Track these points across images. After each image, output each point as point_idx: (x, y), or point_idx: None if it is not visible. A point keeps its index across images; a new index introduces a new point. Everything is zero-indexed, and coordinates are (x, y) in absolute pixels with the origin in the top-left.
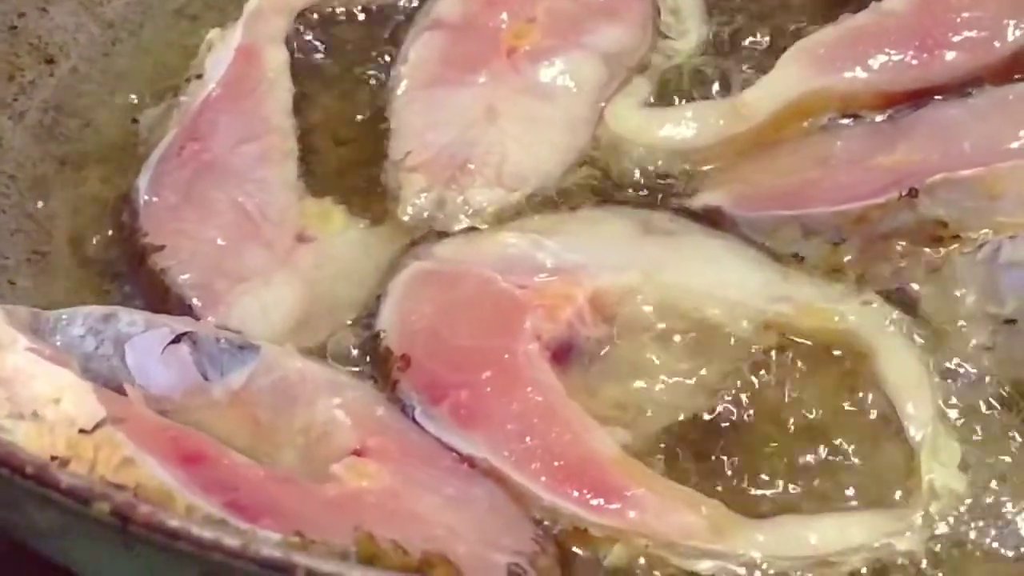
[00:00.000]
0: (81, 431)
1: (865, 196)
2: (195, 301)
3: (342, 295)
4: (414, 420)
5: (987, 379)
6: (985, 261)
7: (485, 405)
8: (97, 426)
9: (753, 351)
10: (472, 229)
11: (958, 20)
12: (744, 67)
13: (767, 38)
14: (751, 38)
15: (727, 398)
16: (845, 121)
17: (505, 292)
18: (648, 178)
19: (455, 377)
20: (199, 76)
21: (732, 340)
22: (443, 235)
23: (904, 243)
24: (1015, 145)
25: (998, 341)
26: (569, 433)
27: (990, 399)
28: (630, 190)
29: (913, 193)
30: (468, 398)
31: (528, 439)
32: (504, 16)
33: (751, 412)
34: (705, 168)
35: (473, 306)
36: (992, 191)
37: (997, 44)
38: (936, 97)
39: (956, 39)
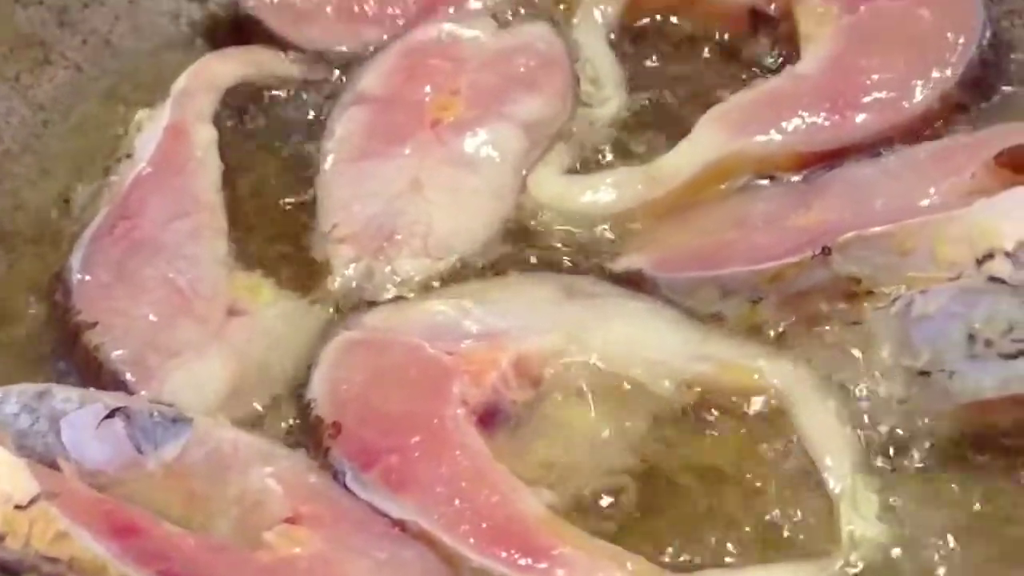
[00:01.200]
0: (16, 507)
1: (780, 255)
2: (129, 376)
3: (274, 366)
4: (346, 486)
5: (902, 430)
6: (898, 315)
7: (414, 469)
8: (32, 501)
9: (675, 409)
10: (400, 298)
11: (868, 82)
12: (663, 132)
13: (685, 104)
14: (669, 104)
15: (650, 455)
16: (761, 182)
17: (432, 359)
18: (571, 243)
19: (385, 443)
20: (129, 155)
21: (654, 399)
22: (372, 305)
23: (820, 300)
24: (924, 202)
25: (913, 392)
26: (496, 495)
27: (906, 449)
28: (554, 255)
29: (826, 251)
30: (398, 463)
31: (457, 502)
32: (428, 89)
33: (674, 468)
34: (626, 232)
35: (401, 373)
36: (902, 247)
37: (906, 105)
38: (849, 157)
39: (867, 100)
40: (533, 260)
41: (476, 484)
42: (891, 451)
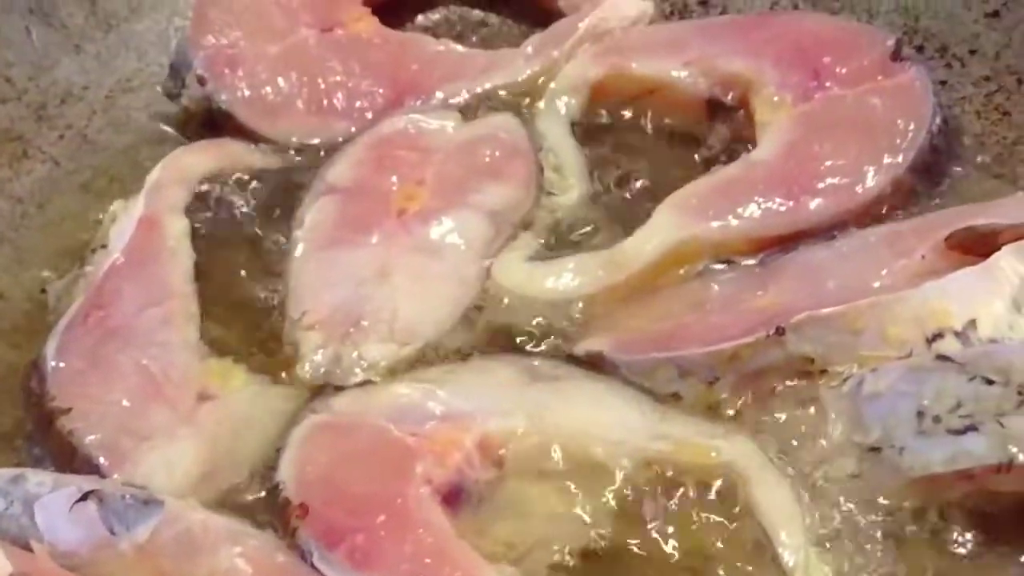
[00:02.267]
0: None
1: (735, 336)
2: (102, 460)
3: (243, 449)
4: (313, 566)
5: (855, 505)
6: (850, 393)
7: (380, 548)
8: None
9: (634, 487)
10: (367, 382)
11: (822, 168)
12: (624, 219)
13: (646, 191)
14: (630, 191)
15: (611, 532)
16: (719, 266)
17: (397, 440)
18: (534, 328)
19: (350, 522)
20: (104, 246)
21: (614, 477)
22: (340, 389)
23: (775, 379)
24: (876, 284)
25: (864, 468)
26: (459, 571)
27: (858, 524)
28: (517, 339)
29: (780, 331)
30: (363, 542)
31: None
32: (394, 179)
33: (634, 544)
34: (588, 316)
35: (367, 455)
36: (853, 327)
37: (859, 190)
38: (804, 241)
39: (820, 186)
40: (497, 344)
41: (439, 561)
42: (844, 525)
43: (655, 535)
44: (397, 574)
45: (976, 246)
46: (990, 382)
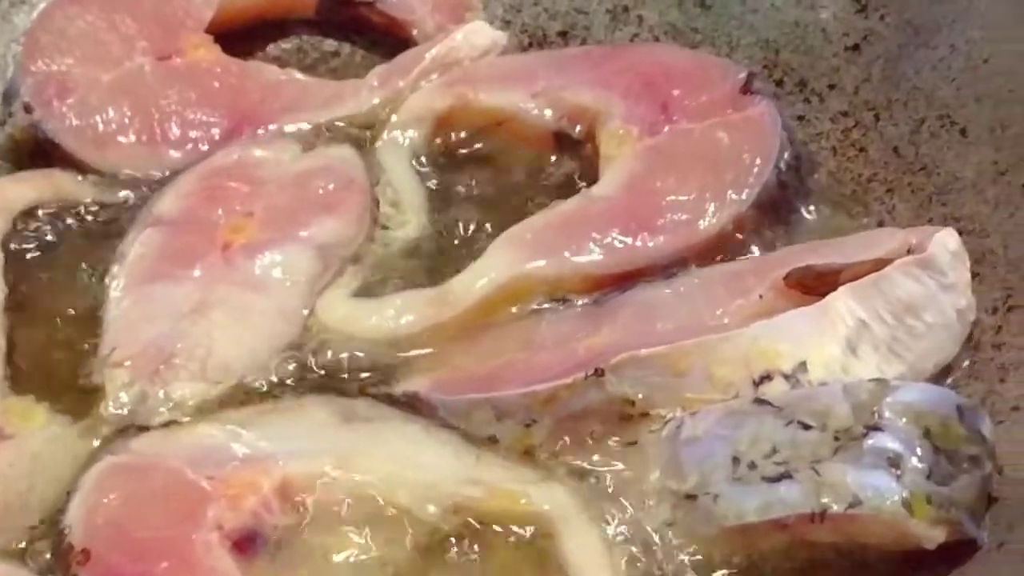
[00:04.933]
0: None
1: (553, 377)
2: None
3: (37, 493)
4: None
5: (667, 555)
6: (669, 438)
7: None
8: None
9: (440, 535)
10: (173, 422)
11: (663, 204)
12: (461, 255)
13: (486, 227)
14: (471, 227)
15: None
16: (554, 305)
17: (191, 483)
18: (355, 367)
19: (132, 569)
20: None
21: (419, 524)
22: (143, 429)
23: (595, 422)
24: (711, 323)
25: (679, 516)
26: None
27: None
28: (336, 379)
29: (599, 372)
30: None
31: None
32: (221, 212)
33: None
34: (413, 354)
35: (158, 498)
36: (677, 368)
37: (700, 226)
38: (643, 279)
39: (661, 222)
40: (316, 384)
41: None
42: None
43: None
44: None
45: (816, 285)
46: (807, 427)
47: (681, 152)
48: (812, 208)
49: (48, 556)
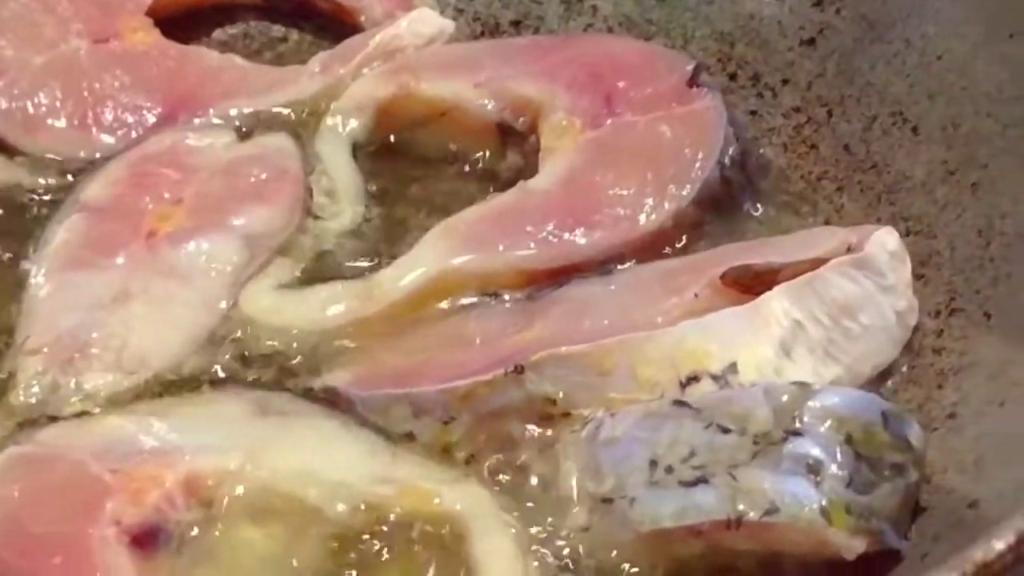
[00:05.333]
0: None
1: (472, 373)
2: None
3: None
4: None
5: (582, 561)
6: (588, 439)
7: None
8: None
9: (351, 533)
10: (85, 413)
11: (601, 198)
12: (394, 248)
13: (424, 220)
14: (407, 220)
15: None
16: (486, 300)
17: (93, 476)
18: (276, 359)
19: (23, 564)
20: None
21: (330, 522)
22: (53, 420)
23: (514, 421)
24: (642, 322)
25: (594, 521)
26: None
27: None
28: (255, 372)
29: (519, 369)
30: None
31: None
32: (149, 199)
33: None
34: (336, 349)
35: (58, 491)
36: (601, 367)
37: (640, 221)
38: (579, 275)
39: (598, 217)
40: (234, 376)
41: None
42: None
43: None
44: None
45: (754, 285)
46: (726, 431)
47: (622, 146)
48: (759, 206)
49: None
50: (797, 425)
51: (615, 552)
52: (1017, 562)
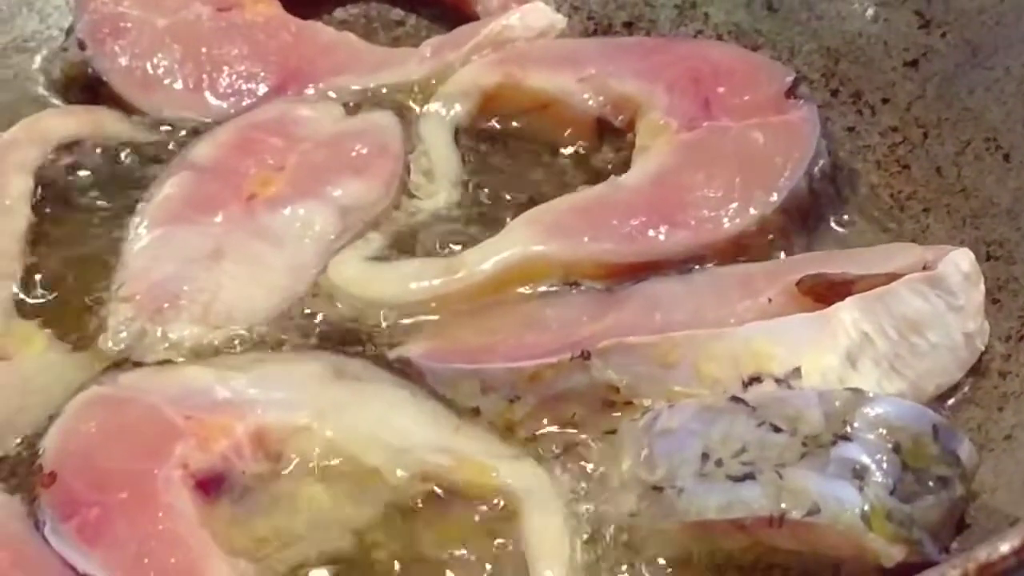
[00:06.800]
0: None
1: (540, 355)
2: None
3: (26, 414)
4: (44, 536)
5: (629, 545)
6: (645, 428)
7: (112, 525)
8: None
9: (409, 498)
10: (168, 361)
11: (688, 199)
12: (485, 232)
13: (518, 207)
14: (501, 206)
15: (372, 541)
16: (565, 289)
17: (166, 420)
18: (357, 327)
19: (90, 496)
20: None
21: (387, 487)
22: (139, 366)
23: (577, 405)
24: (712, 320)
25: (643, 508)
26: (186, 561)
27: (632, 566)
28: (336, 338)
29: (585, 355)
30: (96, 517)
31: (145, 561)
32: (252, 163)
33: (384, 556)
34: (417, 323)
35: (131, 431)
36: (665, 360)
37: (724, 225)
38: (658, 272)
39: (683, 217)
40: (314, 340)
41: (168, 547)
42: (621, 565)
43: (416, 551)
44: (120, 554)
45: (828, 295)
46: (778, 430)
47: (714, 149)
48: (846, 220)
49: (18, 471)
50: (847, 430)
51: (657, 540)
52: (1020, 567)
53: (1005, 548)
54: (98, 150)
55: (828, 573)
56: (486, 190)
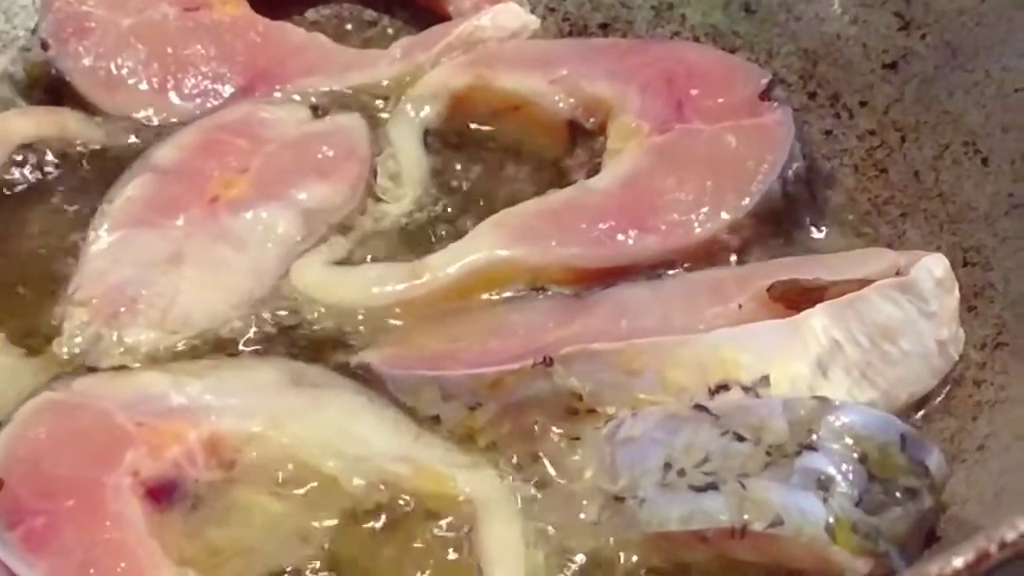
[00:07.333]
0: None
1: (502, 361)
2: None
3: None
4: None
5: (588, 557)
6: (607, 436)
7: (58, 534)
8: None
9: (366, 508)
10: (123, 367)
11: (658, 203)
12: (451, 236)
13: (485, 210)
14: (468, 209)
15: (327, 552)
16: (532, 294)
17: (116, 427)
18: (317, 333)
19: (37, 504)
20: None
21: (344, 495)
22: (93, 371)
23: (539, 413)
24: (680, 327)
25: (604, 519)
26: (134, 570)
27: None
28: (296, 343)
29: (548, 361)
30: (43, 525)
31: (91, 571)
32: (215, 165)
33: (348, 567)
34: (379, 328)
35: (81, 438)
36: (630, 366)
37: (695, 230)
38: (627, 277)
39: (653, 221)
40: (274, 346)
41: (115, 556)
42: None
43: (370, 562)
44: (67, 563)
45: (800, 301)
46: (741, 439)
47: (686, 152)
48: (821, 224)
49: None
50: (812, 439)
51: (621, 551)
52: None
53: (958, 562)
54: (60, 152)
55: None
56: (454, 193)
